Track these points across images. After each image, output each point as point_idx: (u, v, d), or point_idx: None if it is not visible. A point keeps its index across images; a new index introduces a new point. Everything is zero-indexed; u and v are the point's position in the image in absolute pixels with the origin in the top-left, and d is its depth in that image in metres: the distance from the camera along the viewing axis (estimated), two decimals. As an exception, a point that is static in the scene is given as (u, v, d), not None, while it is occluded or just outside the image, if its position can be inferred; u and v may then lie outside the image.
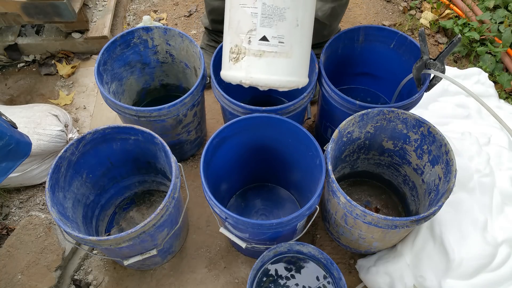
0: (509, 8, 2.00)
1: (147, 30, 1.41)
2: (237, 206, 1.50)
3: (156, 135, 1.18)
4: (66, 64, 1.87)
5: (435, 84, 1.22)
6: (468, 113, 1.53)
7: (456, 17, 2.04)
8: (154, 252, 1.21)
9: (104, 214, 1.43)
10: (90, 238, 1.04)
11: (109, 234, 1.44)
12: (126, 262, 1.19)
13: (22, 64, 1.89)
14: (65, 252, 1.35)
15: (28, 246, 1.34)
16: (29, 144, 1.11)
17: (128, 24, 2.06)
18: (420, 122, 1.19)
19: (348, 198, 1.07)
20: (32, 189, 1.58)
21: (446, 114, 1.51)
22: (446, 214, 1.22)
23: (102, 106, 1.76)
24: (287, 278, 1.22)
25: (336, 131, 1.17)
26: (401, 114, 1.20)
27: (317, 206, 1.12)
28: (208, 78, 1.64)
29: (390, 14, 2.11)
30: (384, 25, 1.88)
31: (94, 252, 1.42)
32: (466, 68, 1.73)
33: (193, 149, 1.62)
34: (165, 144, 1.17)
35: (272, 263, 1.24)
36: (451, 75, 1.64)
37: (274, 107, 1.21)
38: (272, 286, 1.21)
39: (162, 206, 1.08)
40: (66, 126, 1.56)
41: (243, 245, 1.19)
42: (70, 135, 1.55)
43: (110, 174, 1.36)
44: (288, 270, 1.23)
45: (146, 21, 1.60)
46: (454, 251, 1.16)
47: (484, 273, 1.15)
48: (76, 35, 1.85)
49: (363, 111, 1.19)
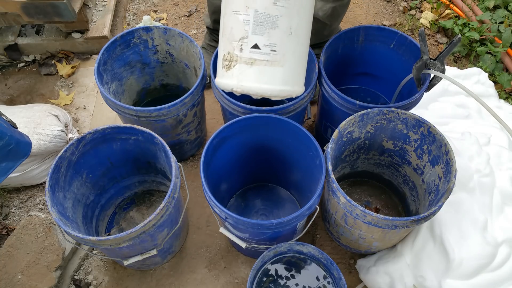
0: (509, 8, 2.00)
1: (147, 30, 1.41)
2: (237, 206, 1.50)
3: (156, 135, 1.18)
4: (66, 64, 1.87)
5: (435, 84, 1.22)
6: (468, 113, 1.53)
7: (456, 17, 2.04)
8: (154, 252, 1.21)
9: (104, 214, 1.43)
10: (90, 238, 1.04)
11: (109, 234, 1.44)
12: (126, 262, 1.19)
13: (22, 64, 1.89)
14: (65, 252, 1.35)
15: (28, 246, 1.34)
16: (29, 144, 1.11)
17: (128, 24, 2.06)
18: (420, 122, 1.19)
19: (348, 198, 1.07)
20: (32, 189, 1.58)
21: (446, 114, 1.51)
22: (446, 214, 1.22)
23: (102, 106, 1.76)
24: (287, 278, 1.22)
25: (336, 131, 1.17)
26: (401, 114, 1.20)
27: (317, 206, 1.12)
28: (208, 78, 1.64)
29: (390, 14, 2.11)
30: (384, 25, 1.88)
31: (94, 252, 1.42)
32: (466, 68, 1.73)
33: (193, 149, 1.62)
34: (165, 144, 1.17)
35: (272, 263, 1.24)
36: (451, 75, 1.64)
37: (274, 107, 1.21)
38: (272, 286, 1.21)
39: (162, 206, 1.08)
40: (66, 126, 1.56)
41: (243, 245, 1.19)
42: (70, 135, 1.55)
43: (110, 174, 1.36)
44: (288, 270, 1.23)
45: (146, 21, 1.60)
46: (454, 251, 1.16)
47: (484, 273, 1.15)
48: (76, 35, 1.85)
49: (363, 111, 1.19)
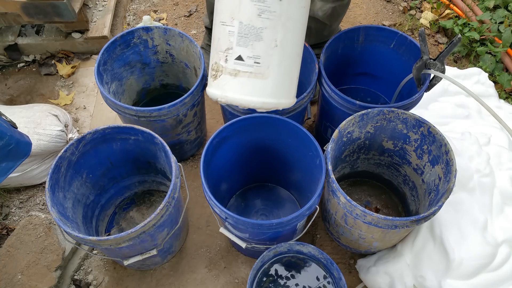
0: (509, 8, 2.00)
1: (147, 30, 1.41)
2: (237, 206, 1.50)
3: (156, 135, 1.18)
4: (66, 64, 1.87)
5: (435, 84, 1.22)
6: (468, 113, 1.53)
7: (456, 17, 2.04)
8: (154, 252, 1.21)
9: (104, 214, 1.43)
10: (90, 238, 1.04)
11: (109, 234, 1.44)
12: (126, 262, 1.19)
13: (22, 64, 1.89)
14: (65, 252, 1.35)
15: (28, 246, 1.34)
16: (29, 144, 1.11)
17: (128, 24, 2.06)
18: (420, 122, 1.19)
19: (348, 198, 1.07)
20: (32, 189, 1.58)
21: (446, 114, 1.51)
22: (446, 214, 1.22)
23: (102, 106, 1.76)
24: (287, 278, 1.22)
25: (336, 131, 1.17)
26: (401, 114, 1.20)
27: (317, 206, 1.12)
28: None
29: (390, 14, 2.11)
30: (384, 25, 1.88)
31: (94, 252, 1.42)
32: (466, 68, 1.73)
33: (193, 149, 1.62)
34: (165, 144, 1.17)
35: (272, 263, 1.24)
36: (451, 75, 1.64)
37: (274, 107, 1.21)
38: (272, 286, 1.21)
39: (162, 206, 1.08)
40: (66, 126, 1.56)
41: (243, 245, 1.19)
42: (70, 135, 1.55)
43: (110, 174, 1.36)
44: (288, 270, 1.23)
45: (146, 21, 1.60)
46: (454, 251, 1.16)
47: (484, 273, 1.15)
48: (76, 35, 1.85)
49: (363, 111, 1.19)
